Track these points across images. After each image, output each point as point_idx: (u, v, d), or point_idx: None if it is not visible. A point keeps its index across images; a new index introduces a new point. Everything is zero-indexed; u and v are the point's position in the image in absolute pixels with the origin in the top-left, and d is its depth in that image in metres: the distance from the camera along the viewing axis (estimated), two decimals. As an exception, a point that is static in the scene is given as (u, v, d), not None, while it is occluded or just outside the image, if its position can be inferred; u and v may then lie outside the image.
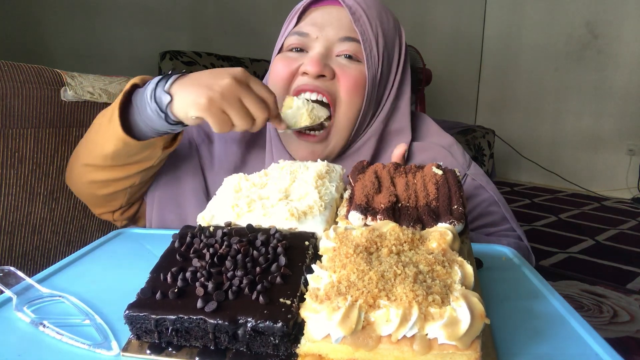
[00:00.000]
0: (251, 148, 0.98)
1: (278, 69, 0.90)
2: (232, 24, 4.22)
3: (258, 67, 3.71)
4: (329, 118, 0.89)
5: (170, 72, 0.78)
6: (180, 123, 0.77)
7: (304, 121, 0.84)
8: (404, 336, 0.40)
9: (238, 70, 0.76)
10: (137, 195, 0.92)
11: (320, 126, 0.88)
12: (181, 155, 0.96)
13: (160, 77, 0.77)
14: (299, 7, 0.92)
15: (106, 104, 1.20)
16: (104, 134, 0.79)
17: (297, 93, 0.88)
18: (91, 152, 0.83)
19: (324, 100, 0.87)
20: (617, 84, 3.89)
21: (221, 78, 0.74)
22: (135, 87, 0.81)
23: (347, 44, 0.87)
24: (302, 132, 0.89)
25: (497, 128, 3.58)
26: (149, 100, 0.76)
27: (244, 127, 0.76)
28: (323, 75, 0.86)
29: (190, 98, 0.73)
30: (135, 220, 0.99)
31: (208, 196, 0.93)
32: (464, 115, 4.45)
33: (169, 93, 0.75)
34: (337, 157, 0.95)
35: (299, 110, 0.84)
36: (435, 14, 4.60)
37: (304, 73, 0.87)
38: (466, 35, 4.52)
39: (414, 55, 3.67)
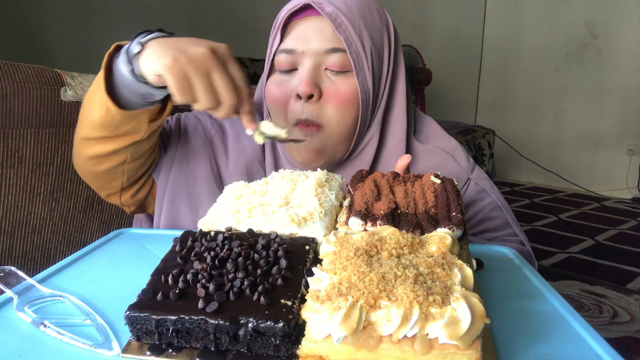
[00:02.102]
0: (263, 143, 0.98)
1: (273, 93, 0.91)
2: (232, 24, 4.22)
3: (258, 67, 3.71)
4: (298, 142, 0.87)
5: (155, 30, 0.75)
6: (145, 82, 0.73)
7: (281, 134, 0.79)
8: (405, 336, 0.40)
9: (221, 45, 0.72)
10: (137, 174, 0.90)
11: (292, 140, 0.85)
12: (195, 145, 0.96)
13: (143, 32, 0.74)
14: (280, 21, 0.90)
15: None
16: (92, 102, 0.77)
17: (296, 123, 0.88)
18: (83, 122, 0.81)
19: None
20: (617, 84, 3.89)
21: (199, 45, 0.70)
22: (120, 48, 0.77)
23: (334, 55, 0.86)
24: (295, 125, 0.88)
25: (497, 128, 3.59)
26: (123, 53, 0.73)
27: (206, 104, 0.70)
28: (312, 96, 0.86)
29: (160, 55, 0.69)
30: (144, 206, 0.98)
31: (221, 186, 0.93)
32: (464, 115, 4.45)
33: (142, 45, 0.71)
34: (344, 161, 0.94)
35: (275, 128, 0.80)
36: (435, 14, 4.60)
37: (297, 95, 0.86)
38: (466, 35, 4.52)
39: (413, 55, 3.66)
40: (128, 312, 0.46)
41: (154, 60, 0.69)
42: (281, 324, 0.43)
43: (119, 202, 0.94)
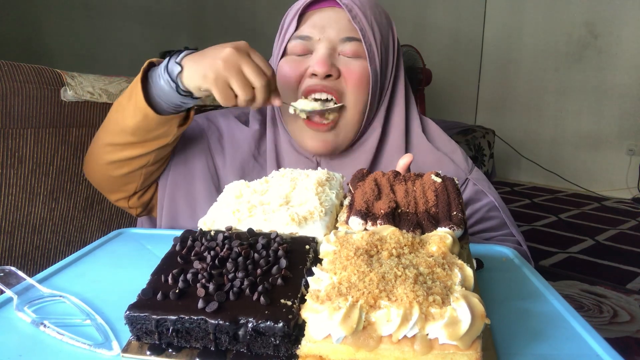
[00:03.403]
0: (261, 142, 1.01)
1: (285, 72, 0.94)
2: (232, 24, 4.22)
3: (258, 67, 3.70)
4: (336, 109, 0.92)
5: (182, 49, 0.86)
6: (189, 95, 0.83)
7: (316, 106, 0.90)
8: (405, 336, 0.40)
9: (240, 42, 0.83)
10: (151, 178, 0.95)
11: (325, 113, 0.91)
12: (192, 146, 1.00)
13: (173, 52, 0.85)
14: (297, 9, 0.94)
15: (106, 104, 1.20)
16: (124, 111, 0.85)
17: (307, 94, 0.91)
18: (112, 130, 0.89)
19: (332, 99, 0.91)
20: (617, 84, 3.89)
21: (223, 48, 0.81)
22: (151, 66, 0.87)
23: (349, 43, 0.91)
24: (311, 121, 0.92)
25: (497, 128, 3.58)
26: (162, 72, 0.83)
27: (245, 96, 0.81)
28: (330, 75, 0.90)
29: (198, 71, 0.80)
30: (149, 209, 1.02)
31: (218, 184, 0.97)
32: (464, 115, 4.45)
33: (180, 65, 0.82)
34: (347, 148, 0.97)
35: (306, 102, 0.90)
36: (435, 14, 4.60)
37: (313, 74, 0.90)
38: (466, 35, 4.52)
39: (413, 55, 3.66)
40: (128, 312, 0.46)
41: (199, 79, 0.80)
42: (281, 324, 0.43)
43: (126, 205, 0.99)
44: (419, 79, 3.71)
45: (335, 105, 0.91)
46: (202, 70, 0.79)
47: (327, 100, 0.91)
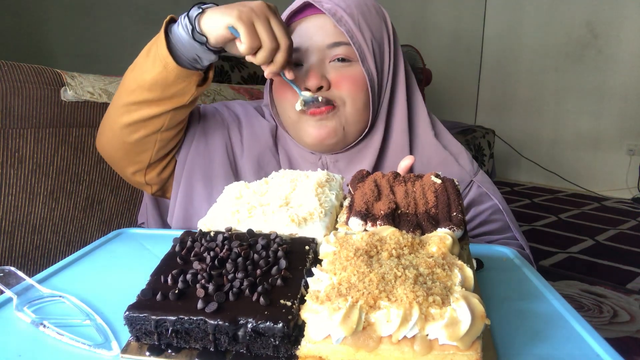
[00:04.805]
0: (277, 139, 1.01)
1: (281, 87, 0.93)
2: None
3: (258, 67, 3.71)
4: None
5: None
6: (205, 44, 0.81)
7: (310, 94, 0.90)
8: (405, 337, 0.40)
9: (269, 3, 0.82)
10: (166, 149, 0.93)
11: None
12: (212, 129, 0.99)
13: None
14: None
15: (106, 104, 1.20)
16: (143, 66, 0.84)
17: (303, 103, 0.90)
18: (128, 88, 0.87)
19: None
20: (617, 84, 3.89)
21: (254, 1, 0.81)
22: (172, 21, 0.86)
23: (337, 48, 0.90)
24: (310, 109, 0.90)
25: (497, 128, 3.58)
26: (182, 19, 0.82)
27: (270, 44, 0.79)
28: (322, 87, 0.89)
29: (221, 11, 0.78)
30: (165, 189, 1.00)
31: (236, 172, 0.96)
32: (464, 115, 4.45)
33: (202, 9, 0.80)
34: (352, 147, 0.96)
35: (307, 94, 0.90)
36: (435, 13, 4.60)
37: (306, 88, 0.89)
38: (466, 35, 4.52)
39: (413, 55, 3.66)
40: (127, 313, 0.46)
41: (221, 17, 0.78)
42: (280, 324, 0.43)
43: (143, 181, 0.96)
44: (419, 79, 3.71)
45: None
46: (227, 10, 0.77)
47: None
